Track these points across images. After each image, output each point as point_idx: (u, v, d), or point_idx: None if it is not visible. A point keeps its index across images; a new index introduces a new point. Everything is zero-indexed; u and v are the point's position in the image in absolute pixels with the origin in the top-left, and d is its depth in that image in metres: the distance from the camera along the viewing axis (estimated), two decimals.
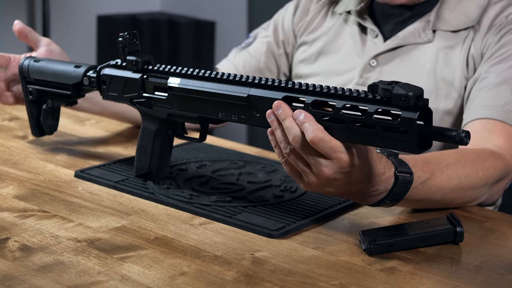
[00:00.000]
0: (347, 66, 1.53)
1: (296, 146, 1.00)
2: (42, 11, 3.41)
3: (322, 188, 1.04)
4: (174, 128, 1.26)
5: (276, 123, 1.03)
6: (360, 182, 1.04)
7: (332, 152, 0.98)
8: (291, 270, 0.98)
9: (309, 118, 0.99)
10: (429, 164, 1.14)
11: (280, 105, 1.02)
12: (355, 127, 0.97)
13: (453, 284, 0.96)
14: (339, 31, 1.58)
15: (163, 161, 1.27)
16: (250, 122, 1.10)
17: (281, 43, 1.64)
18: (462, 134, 0.92)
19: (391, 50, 1.48)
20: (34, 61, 1.39)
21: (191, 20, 3.57)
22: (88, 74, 1.31)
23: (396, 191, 1.06)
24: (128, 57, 1.24)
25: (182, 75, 1.18)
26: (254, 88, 1.08)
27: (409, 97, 0.92)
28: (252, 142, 3.41)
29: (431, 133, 0.94)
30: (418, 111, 0.93)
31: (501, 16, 1.42)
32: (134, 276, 0.94)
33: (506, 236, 1.12)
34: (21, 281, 0.92)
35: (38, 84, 1.38)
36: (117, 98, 1.28)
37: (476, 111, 1.35)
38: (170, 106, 1.20)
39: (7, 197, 1.20)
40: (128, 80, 1.25)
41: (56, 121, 1.42)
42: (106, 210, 1.16)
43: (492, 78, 1.37)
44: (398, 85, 0.94)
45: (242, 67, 1.63)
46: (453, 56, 1.44)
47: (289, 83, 1.04)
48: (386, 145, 0.96)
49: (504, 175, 1.25)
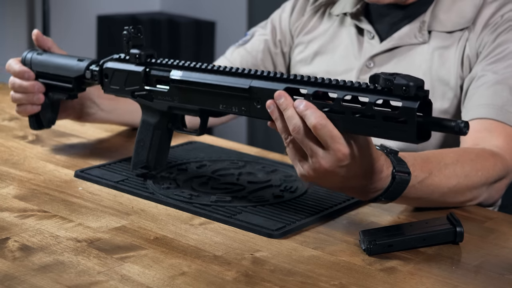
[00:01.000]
0: (344, 67, 1.54)
1: (296, 136, 1.01)
2: (42, 11, 3.41)
3: (318, 180, 1.04)
4: (174, 121, 1.27)
5: (277, 113, 1.03)
6: (358, 178, 1.04)
7: (332, 141, 0.99)
8: (291, 270, 0.98)
9: (310, 106, 1.00)
10: (428, 163, 1.14)
11: (282, 95, 1.03)
12: (355, 118, 0.98)
13: (453, 284, 0.96)
14: (335, 33, 1.58)
15: (161, 155, 1.28)
16: (250, 114, 1.11)
17: (278, 42, 1.65)
18: (461, 124, 0.93)
19: (387, 51, 1.48)
20: (37, 54, 1.40)
21: (191, 20, 3.57)
22: (91, 68, 1.33)
23: (392, 189, 1.07)
24: (131, 50, 1.26)
25: (184, 68, 1.19)
26: (256, 80, 1.09)
27: (410, 86, 0.94)
28: (252, 142, 3.41)
29: (430, 123, 0.95)
30: (419, 101, 0.94)
31: (496, 16, 1.42)
32: (134, 276, 0.94)
33: (506, 236, 1.12)
34: (21, 281, 0.92)
35: (40, 77, 1.39)
36: (118, 91, 1.30)
37: (474, 110, 1.35)
38: (171, 98, 1.22)
39: (7, 197, 1.20)
40: (130, 73, 1.27)
41: (55, 114, 1.43)
42: (106, 210, 1.16)
43: (489, 77, 1.37)
44: (399, 75, 0.96)
45: (239, 63, 1.63)
46: (448, 56, 1.44)
47: (291, 75, 1.06)
48: (386, 136, 0.97)
49: (503, 175, 1.25)
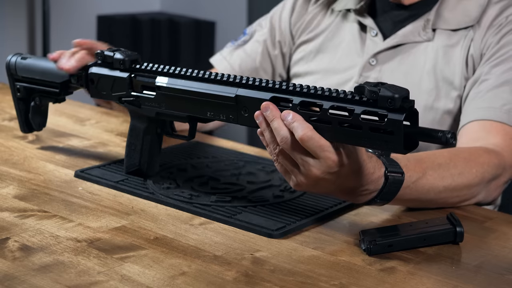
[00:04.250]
0: (346, 64, 1.53)
1: (285, 147, 1.01)
2: (42, 11, 3.42)
3: (311, 187, 1.04)
4: (163, 126, 1.27)
5: (265, 125, 1.03)
6: (349, 181, 1.04)
7: (321, 151, 0.99)
8: (291, 270, 0.98)
9: (297, 118, 1.00)
10: (421, 164, 1.14)
11: (268, 106, 1.03)
12: (343, 128, 0.98)
13: (453, 284, 0.96)
14: (337, 29, 1.57)
15: (153, 159, 1.28)
16: (238, 121, 1.10)
17: (277, 43, 1.64)
18: (448, 135, 0.93)
19: (390, 49, 1.48)
20: (21, 59, 1.38)
21: (191, 20, 3.57)
22: (77, 73, 1.32)
23: (386, 190, 1.07)
24: (115, 56, 1.25)
25: (169, 74, 1.18)
26: (242, 88, 1.09)
27: (395, 99, 0.93)
28: (252, 142, 3.41)
29: (417, 134, 0.95)
30: (404, 113, 0.94)
31: (501, 17, 1.42)
32: (134, 276, 0.94)
33: (506, 236, 1.12)
34: (21, 281, 0.92)
35: (26, 82, 1.38)
36: (105, 96, 1.29)
37: (473, 113, 1.35)
38: (159, 105, 1.21)
39: (7, 197, 1.20)
40: (116, 79, 1.26)
41: (44, 117, 1.43)
42: (106, 210, 1.16)
43: (491, 81, 1.36)
44: (384, 86, 0.95)
45: (238, 67, 1.63)
46: (453, 55, 1.43)
47: (277, 84, 1.05)
48: (373, 146, 0.97)
49: (500, 171, 1.24)
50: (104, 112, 1.76)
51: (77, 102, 1.80)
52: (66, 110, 1.73)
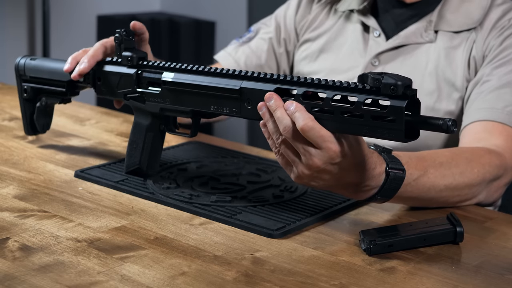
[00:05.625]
0: (349, 64, 1.54)
1: (287, 136, 1.02)
2: (42, 11, 3.41)
3: (312, 179, 1.04)
4: (166, 123, 1.28)
5: (268, 115, 1.04)
6: (350, 175, 1.04)
7: (322, 141, 0.99)
8: (291, 270, 0.98)
9: (299, 108, 1.01)
10: (423, 162, 1.14)
11: (272, 96, 1.04)
12: (345, 117, 0.99)
13: (453, 284, 0.96)
14: (340, 29, 1.58)
15: (154, 157, 1.29)
16: (241, 114, 1.12)
17: (282, 41, 1.65)
18: (449, 122, 0.93)
19: (393, 49, 1.48)
20: (30, 60, 1.41)
21: (191, 20, 3.57)
22: None
23: (387, 187, 1.07)
24: (123, 53, 1.27)
25: (176, 69, 1.20)
26: (246, 80, 1.10)
27: (398, 85, 0.94)
28: (252, 142, 3.41)
29: (418, 122, 0.96)
30: (407, 100, 0.94)
31: (503, 19, 1.42)
32: (134, 276, 0.94)
33: (506, 236, 1.12)
34: (21, 281, 0.92)
35: (33, 82, 1.40)
36: (111, 94, 1.31)
37: (475, 114, 1.35)
38: (163, 100, 1.23)
39: (7, 197, 1.20)
40: (122, 75, 1.28)
41: (49, 119, 1.43)
42: (106, 210, 1.16)
43: (493, 82, 1.37)
44: (387, 75, 0.96)
45: (244, 63, 1.63)
46: (455, 57, 1.44)
47: (281, 76, 1.06)
48: (375, 135, 0.98)
49: (501, 172, 1.25)
50: (104, 112, 1.76)
51: (77, 102, 1.81)
52: (66, 110, 1.73)
